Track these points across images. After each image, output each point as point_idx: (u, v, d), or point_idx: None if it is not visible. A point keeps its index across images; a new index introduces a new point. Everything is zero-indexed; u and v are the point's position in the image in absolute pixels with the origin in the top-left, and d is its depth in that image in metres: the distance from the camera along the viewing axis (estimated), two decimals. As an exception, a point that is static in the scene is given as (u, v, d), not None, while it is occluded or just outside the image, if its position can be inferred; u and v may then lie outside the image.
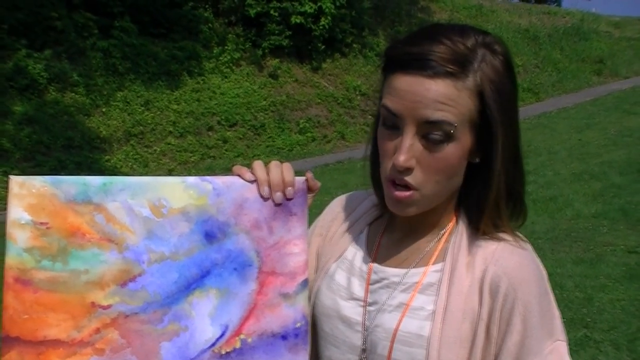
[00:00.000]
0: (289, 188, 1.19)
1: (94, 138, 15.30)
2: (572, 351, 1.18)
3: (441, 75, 1.09)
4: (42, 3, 16.24)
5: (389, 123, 1.16)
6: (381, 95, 1.20)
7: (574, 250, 7.31)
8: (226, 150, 16.71)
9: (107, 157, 15.07)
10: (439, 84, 1.09)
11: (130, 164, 15.29)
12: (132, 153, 15.54)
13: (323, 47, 19.94)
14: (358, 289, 1.29)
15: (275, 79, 19.19)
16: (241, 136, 17.25)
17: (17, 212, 1.10)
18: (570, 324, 5.19)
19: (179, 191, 1.17)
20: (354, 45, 21.08)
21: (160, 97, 16.92)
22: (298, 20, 19.07)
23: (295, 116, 18.44)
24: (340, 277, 1.32)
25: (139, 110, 16.39)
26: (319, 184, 1.23)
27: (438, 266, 1.21)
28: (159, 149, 15.98)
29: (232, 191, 1.19)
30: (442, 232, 1.25)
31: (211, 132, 17.01)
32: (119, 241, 1.14)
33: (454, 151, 1.13)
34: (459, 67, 1.10)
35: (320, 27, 19.38)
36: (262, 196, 1.19)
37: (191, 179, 1.19)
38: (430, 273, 1.21)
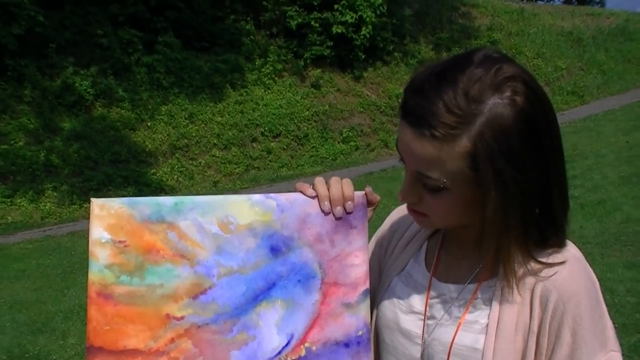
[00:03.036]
0: (349, 202, 1.24)
1: (140, 152, 15.57)
2: (626, 357, 1.20)
3: (427, 137, 1.07)
4: (88, 21, 16.63)
5: (402, 158, 1.19)
6: None
7: (625, 255, 7.20)
8: (270, 161, 16.85)
9: (153, 171, 15.32)
10: (424, 146, 1.09)
11: (175, 176, 15.51)
12: (177, 166, 15.76)
13: (364, 56, 20.02)
14: (418, 303, 1.32)
15: (318, 88, 19.30)
16: (285, 147, 17.37)
17: (98, 231, 1.19)
18: (623, 330, 5.13)
19: (245, 208, 1.23)
20: (396, 53, 21.12)
21: (204, 110, 17.14)
22: (339, 30, 19.19)
23: (338, 125, 18.51)
24: (401, 290, 1.36)
25: (184, 123, 16.62)
26: (378, 197, 1.28)
27: (491, 282, 1.24)
28: (203, 162, 16.17)
29: (295, 207, 1.25)
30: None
31: (255, 143, 17.17)
32: (190, 257, 1.21)
33: (454, 199, 1.14)
34: (449, 130, 1.06)
35: (361, 36, 19.47)
36: (323, 211, 1.25)
37: (256, 197, 1.25)
38: (483, 288, 1.24)
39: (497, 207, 1.10)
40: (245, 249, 1.23)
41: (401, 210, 1.51)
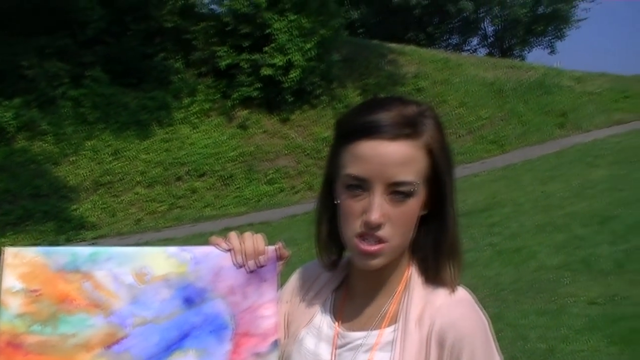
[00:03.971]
0: (261, 256, 1.31)
1: (62, 187, 15.24)
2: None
3: (400, 137, 1.22)
4: (14, 52, 16.31)
5: (354, 186, 1.26)
6: (337, 164, 1.32)
7: (538, 302, 7.41)
8: (194, 200, 16.72)
9: (74, 206, 14.99)
10: (399, 146, 1.22)
11: (97, 213, 15.22)
12: (99, 202, 15.49)
13: (292, 98, 20.18)
14: (325, 353, 1.39)
15: (245, 129, 19.34)
16: (210, 186, 17.28)
17: (10, 280, 1.19)
18: (533, 376, 5.28)
19: (160, 260, 1.27)
20: (323, 97, 21.35)
21: (129, 146, 16.94)
22: (268, 72, 19.33)
23: (264, 167, 18.54)
24: (309, 342, 1.43)
25: (108, 159, 16.38)
26: (288, 252, 1.35)
27: (393, 327, 1.33)
28: (127, 199, 15.94)
29: (209, 260, 1.29)
30: (396, 290, 1.37)
31: (180, 182, 17.03)
32: (105, 306, 1.23)
33: (415, 205, 1.26)
34: (411, 128, 1.24)
35: (290, 79, 19.64)
36: (236, 264, 1.30)
37: (172, 249, 1.28)
38: (386, 333, 1.33)
39: (450, 191, 1.30)
40: (160, 300, 1.25)
41: (307, 267, 1.57)
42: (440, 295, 1.32)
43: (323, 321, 1.44)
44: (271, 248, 1.32)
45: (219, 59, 19.63)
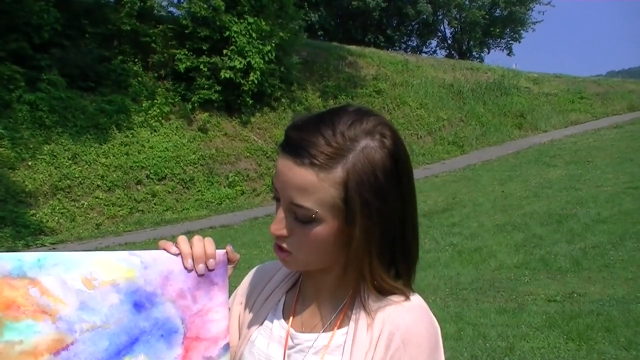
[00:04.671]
0: (211, 260, 1.31)
1: (19, 192, 15.00)
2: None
3: (307, 164, 1.19)
4: (-33, 56, 16.04)
5: (276, 195, 1.28)
6: None
7: (497, 300, 7.49)
8: (155, 204, 16.60)
9: (32, 212, 14.76)
10: (303, 172, 1.19)
11: (56, 218, 15.02)
12: (58, 207, 15.28)
13: (252, 101, 20.17)
14: (277, 353, 1.40)
15: (205, 132, 19.26)
16: (170, 190, 17.17)
17: (-46, 288, 1.17)
18: (492, 374, 5.33)
19: (109, 265, 1.26)
20: (283, 100, 21.38)
21: (88, 150, 16.74)
22: (227, 75, 19.29)
23: (225, 170, 18.49)
24: (261, 343, 1.43)
25: (67, 163, 16.16)
26: (238, 256, 1.36)
27: (343, 330, 1.34)
28: (86, 203, 15.75)
29: (158, 264, 1.28)
30: (347, 296, 1.37)
31: (140, 185, 16.89)
32: (52, 312, 1.21)
33: (321, 231, 1.23)
34: (327, 159, 1.18)
35: (250, 82, 19.63)
36: (186, 268, 1.30)
37: (120, 254, 1.27)
38: (337, 336, 1.34)
39: (361, 230, 1.22)
40: (109, 305, 1.24)
41: (260, 269, 1.58)
42: (393, 301, 1.31)
43: (275, 322, 1.45)
44: (221, 252, 1.32)
45: (178, 62, 19.55)
